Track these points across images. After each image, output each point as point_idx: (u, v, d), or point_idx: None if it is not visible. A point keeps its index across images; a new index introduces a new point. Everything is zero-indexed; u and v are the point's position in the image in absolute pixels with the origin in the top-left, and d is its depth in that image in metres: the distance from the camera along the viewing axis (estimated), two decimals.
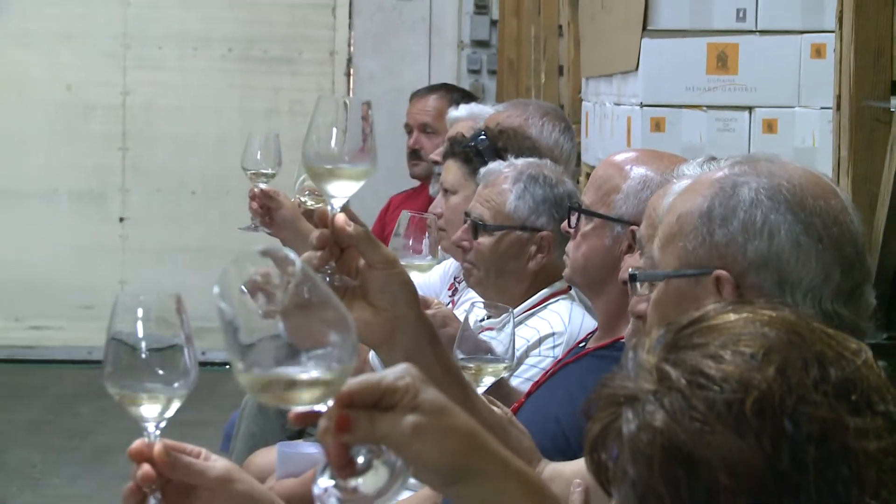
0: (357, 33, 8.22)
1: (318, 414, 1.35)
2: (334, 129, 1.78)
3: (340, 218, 1.76)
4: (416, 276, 2.29)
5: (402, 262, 1.85)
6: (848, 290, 1.85)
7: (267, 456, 3.98)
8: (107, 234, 8.23)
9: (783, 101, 3.70)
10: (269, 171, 3.52)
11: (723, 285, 1.83)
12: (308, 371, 1.32)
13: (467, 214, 3.36)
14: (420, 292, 1.99)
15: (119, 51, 8.20)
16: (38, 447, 6.44)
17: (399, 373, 1.39)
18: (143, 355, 1.61)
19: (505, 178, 3.31)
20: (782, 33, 3.70)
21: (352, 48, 8.25)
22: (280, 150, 3.59)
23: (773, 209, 1.83)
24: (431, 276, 4.13)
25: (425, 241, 3.25)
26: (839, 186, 1.93)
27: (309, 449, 3.92)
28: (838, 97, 2.80)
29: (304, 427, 4.28)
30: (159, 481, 1.59)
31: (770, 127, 3.70)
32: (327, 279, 1.73)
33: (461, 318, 2.61)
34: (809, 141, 3.60)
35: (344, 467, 1.36)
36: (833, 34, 2.90)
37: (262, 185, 3.42)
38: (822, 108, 3.54)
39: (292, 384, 1.33)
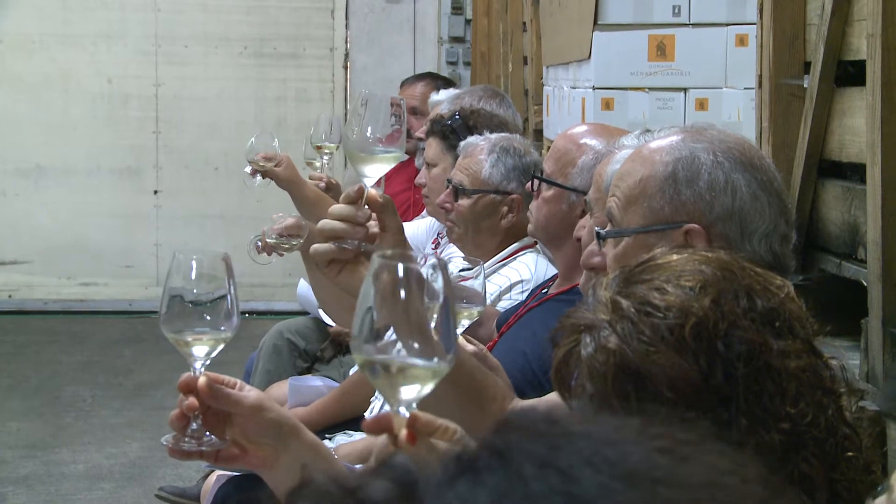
0: (352, 32, 8.18)
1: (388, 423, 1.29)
2: (371, 121, 1.80)
3: (372, 192, 1.78)
4: (406, 229, 2.29)
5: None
6: (785, 233, 1.84)
7: (281, 389, 3.98)
8: (143, 204, 8.20)
9: (713, 83, 3.69)
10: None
11: (694, 236, 1.81)
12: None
13: (449, 181, 3.36)
14: (409, 242, 1.99)
15: (151, 49, 8.15)
16: (88, 384, 6.43)
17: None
18: (195, 304, 1.60)
19: (481, 149, 3.32)
20: (711, 25, 3.69)
21: (348, 44, 8.20)
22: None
23: (732, 169, 1.82)
24: (418, 231, 4.13)
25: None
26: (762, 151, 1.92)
27: (315, 382, 3.91)
28: (760, 76, 2.79)
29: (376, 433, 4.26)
30: (201, 408, 1.58)
31: (702, 105, 3.69)
32: (357, 243, 1.75)
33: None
34: (735, 116, 3.59)
35: None
36: (754, 26, 2.88)
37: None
38: (746, 88, 3.54)
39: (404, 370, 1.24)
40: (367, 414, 3.25)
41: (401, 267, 1.21)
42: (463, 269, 2.53)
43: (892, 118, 2.23)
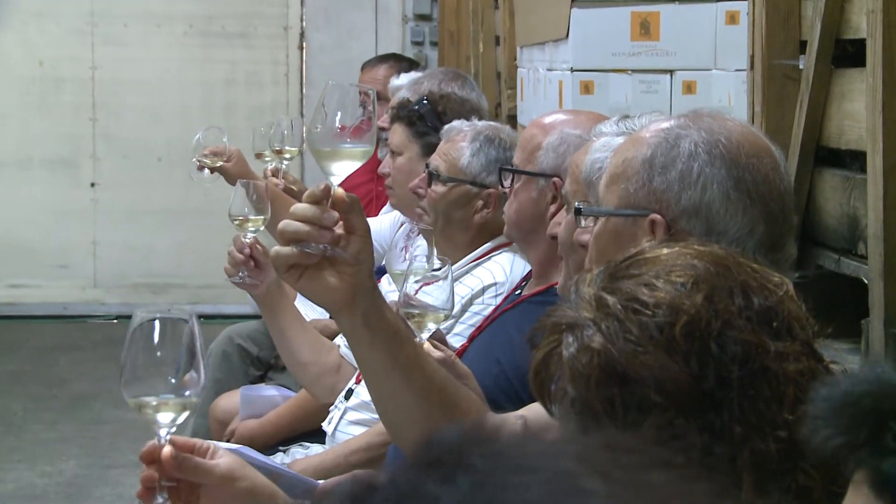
0: (308, 9, 8.16)
1: None
2: (338, 114, 1.80)
3: (339, 191, 1.77)
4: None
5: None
6: (770, 242, 1.84)
7: (231, 399, 3.97)
8: (79, 198, 8.15)
9: (701, 65, 3.70)
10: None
11: (656, 227, 1.83)
12: None
13: (427, 165, 3.38)
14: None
15: (87, 28, 8.10)
16: (19, 396, 6.39)
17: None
18: (158, 368, 1.60)
19: (464, 136, 3.34)
20: (699, 1, 3.70)
21: (304, 23, 8.19)
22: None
23: (708, 163, 1.82)
24: (382, 226, 4.13)
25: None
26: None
27: (269, 391, 3.91)
28: (752, 57, 2.80)
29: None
30: (170, 478, 1.59)
31: (689, 88, 3.71)
32: (322, 247, 1.74)
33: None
34: (725, 100, 3.61)
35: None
36: (746, 1, 2.90)
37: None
38: (737, 69, 3.55)
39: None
40: (325, 425, 3.25)
41: None
42: (434, 270, 2.53)
43: (894, 101, 2.25)
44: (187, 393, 1.59)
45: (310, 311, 3.83)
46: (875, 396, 1.00)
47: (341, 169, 1.82)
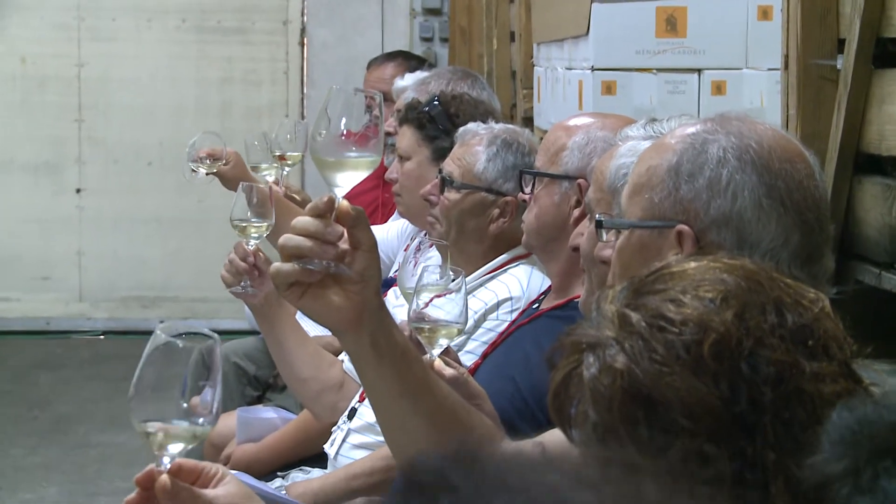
0: (310, 3, 8.18)
1: None
2: (342, 120, 1.81)
3: (344, 203, 1.77)
4: (374, 233, 2.31)
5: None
6: (806, 254, 1.85)
7: (227, 421, 3.97)
8: (63, 205, 8.17)
9: (731, 63, 3.71)
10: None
11: (684, 240, 1.83)
12: None
13: (440, 170, 3.38)
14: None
15: (73, 23, 8.12)
16: None
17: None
18: (174, 393, 1.61)
19: (480, 139, 3.34)
20: None
21: (305, 17, 8.20)
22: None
23: (738, 169, 1.83)
24: (389, 235, 4.14)
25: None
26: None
27: (267, 413, 3.91)
28: (786, 56, 2.81)
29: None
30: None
31: (719, 89, 3.71)
32: (325, 264, 1.74)
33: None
34: (757, 102, 3.61)
35: None
36: None
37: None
38: (770, 69, 3.55)
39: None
40: (327, 446, 3.25)
41: None
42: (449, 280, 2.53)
43: None
44: (200, 420, 1.60)
45: (311, 327, 3.84)
46: (884, 430, 1.01)
47: (346, 180, 1.82)
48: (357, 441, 3.18)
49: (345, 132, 1.81)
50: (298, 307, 1.81)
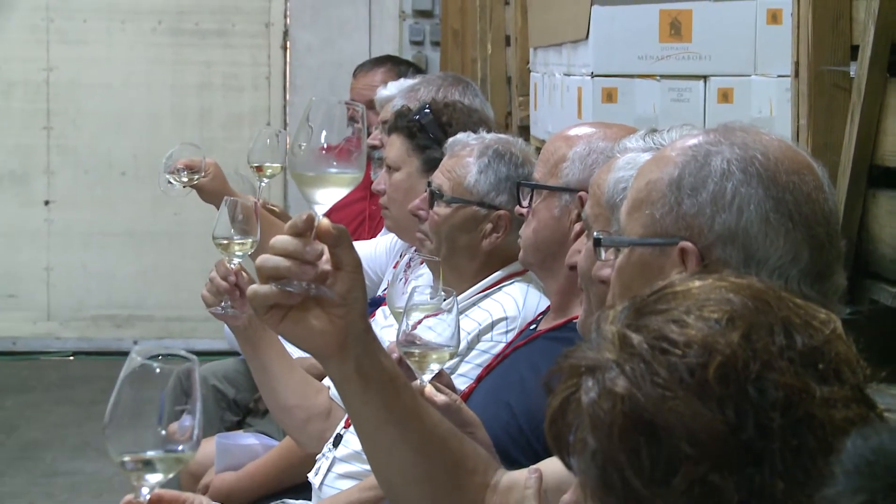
0: (293, 4, 8.20)
1: None
2: (323, 132, 1.81)
3: (325, 222, 1.77)
4: (360, 249, 2.31)
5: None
6: (816, 271, 1.85)
7: (205, 448, 3.97)
8: (31, 217, 8.17)
9: (739, 70, 3.71)
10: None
11: (687, 257, 1.84)
12: None
13: (429, 183, 3.38)
14: (365, 265, 2.00)
15: (41, 24, 8.13)
16: None
17: None
18: (152, 419, 1.62)
19: (470, 150, 3.33)
20: None
21: (288, 19, 8.22)
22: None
23: (744, 182, 1.83)
24: (377, 251, 4.14)
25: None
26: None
27: (248, 440, 3.91)
28: (796, 63, 2.82)
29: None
30: None
31: (725, 96, 3.72)
32: (305, 285, 1.74)
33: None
34: (766, 110, 3.62)
35: None
36: None
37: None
38: (780, 75, 3.56)
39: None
40: (311, 475, 3.26)
41: None
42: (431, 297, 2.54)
43: None
44: (180, 448, 1.61)
45: (293, 348, 3.83)
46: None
47: (326, 197, 1.83)
48: (343, 470, 3.17)
49: (325, 146, 1.82)
50: (279, 332, 1.82)
